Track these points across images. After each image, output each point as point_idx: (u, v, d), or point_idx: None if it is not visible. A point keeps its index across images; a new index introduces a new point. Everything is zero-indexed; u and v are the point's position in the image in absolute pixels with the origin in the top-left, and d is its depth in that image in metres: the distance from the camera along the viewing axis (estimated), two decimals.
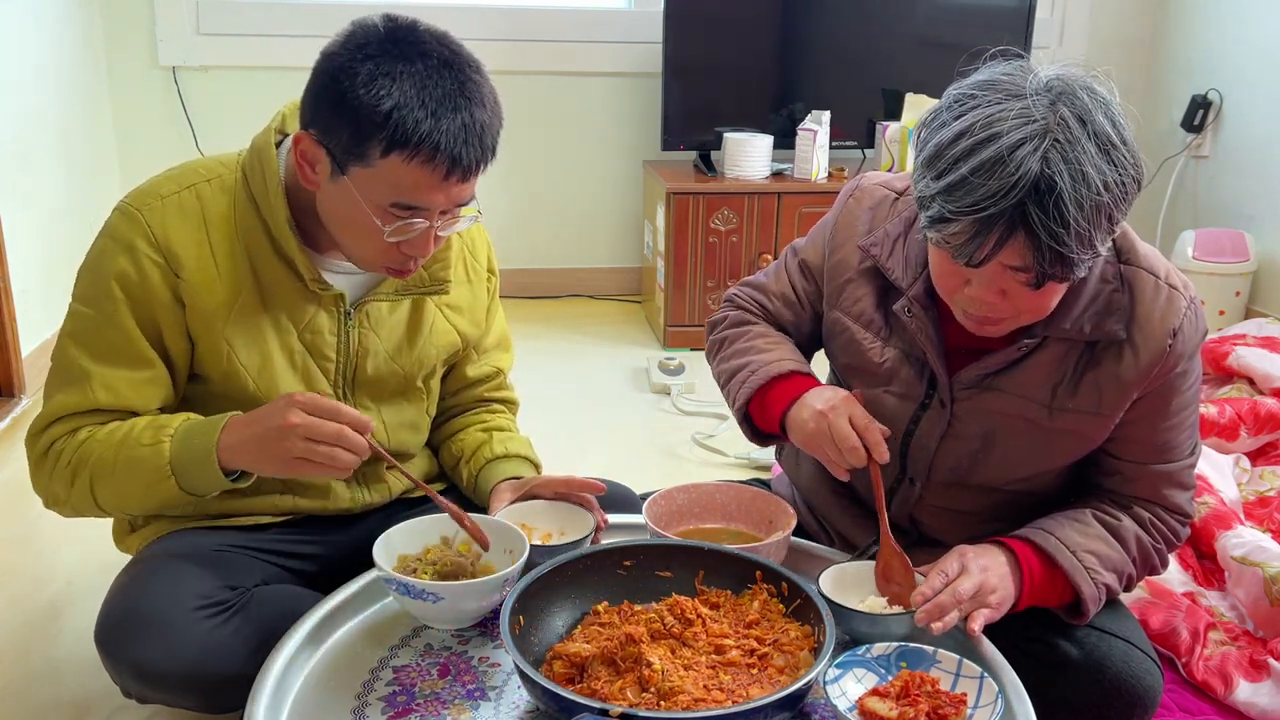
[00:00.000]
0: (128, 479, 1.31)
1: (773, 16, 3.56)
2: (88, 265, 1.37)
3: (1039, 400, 1.36)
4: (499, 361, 1.66)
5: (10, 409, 2.74)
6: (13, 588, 2.00)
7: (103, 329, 1.34)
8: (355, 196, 1.27)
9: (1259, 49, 3.46)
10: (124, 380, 1.35)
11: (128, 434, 1.32)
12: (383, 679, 1.24)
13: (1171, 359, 1.32)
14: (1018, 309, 1.26)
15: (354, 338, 1.45)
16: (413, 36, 1.25)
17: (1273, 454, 2.38)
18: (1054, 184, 1.13)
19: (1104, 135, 1.16)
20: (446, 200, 1.29)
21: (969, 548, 1.34)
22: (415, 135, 1.21)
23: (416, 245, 1.32)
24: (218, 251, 1.36)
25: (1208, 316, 3.36)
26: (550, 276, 3.94)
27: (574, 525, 1.44)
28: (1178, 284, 1.35)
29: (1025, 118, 1.15)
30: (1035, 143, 1.14)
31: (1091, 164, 1.14)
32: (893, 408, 1.44)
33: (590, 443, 2.73)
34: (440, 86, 1.23)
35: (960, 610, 1.26)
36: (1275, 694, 1.68)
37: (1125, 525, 1.39)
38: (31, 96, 2.95)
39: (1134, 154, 1.19)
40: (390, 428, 1.53)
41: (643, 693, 1.13)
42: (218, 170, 1.39)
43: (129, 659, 1.31)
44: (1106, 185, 1.15)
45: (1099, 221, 1.17)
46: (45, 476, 1.37)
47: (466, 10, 3.62)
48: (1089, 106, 1.17)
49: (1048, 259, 1.16)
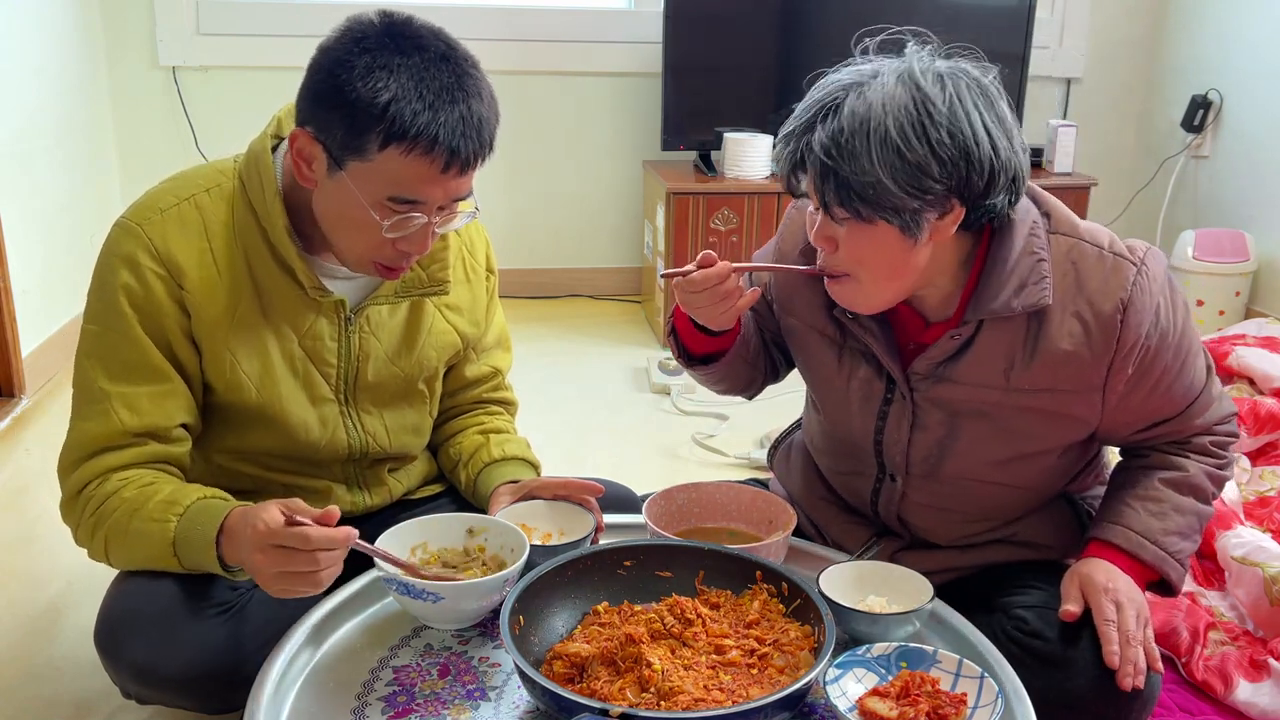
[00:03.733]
0: (137, 548, 1.31)
1: (773, 16, 3.56)
2: (94, 284, 1.37)
3: (994, 385, 1.37)
4: (498, 361, 1.66)
5: (10, 409, 2.74)
6: (13, 588, 2.00)
7: (117, 346, 1.34)
8: (352, 192, 1.27)
9: (1259, 49, 3.46)
10: (144, 396, 1.34)
11: (145, 503, 1.31)
12: (383, 679, 1.24)
13: (1129, 332, 1.32)
14: (853, 260, 1.30)
15: (354, 343, 1.44)
16: (409, 30, 1.26)
17: (1273, 454, 2.38)
18: (839, 106, 1.23)
19: (915, 85, 1.23)
20: (444, 194, 1.28)
21: (1082, 572, 1.39)
22: (413, 127, 1.21)
23: (413, 241, 1.31)
24: (219, 260, 1.35)
25: (1208, 316, 3.38)
26: (550, 276, 3.94)
27: (574, 526, 1.44)
28: (1123, 251, 1.35)
29: (851, 69, 1.28)
30: (842, 84, 1.26)
31: (890, 104, 1.21)
32: (859, 407, 1.46)
33: (590, 443, 2.73)
34: (438, 79, 1.23)
35: (1139, 642, 1.33)
36: (1275, 694, 1.68)
37: (1191, 470, 1.44)
38: (31, 97, 2.95)
39: (958, 118, 1.22)
40: (392, 432, 1.52)
41: (643, 693, 1.13)
42: (216, 179, 1.38)
43: (129, 660, 1.31)
44: (901, 127, 1.20)
45: (885, 155, 1.20)
46: (75, 519, 1.37)
47: (467, 10, 3.61)
48: (929, 70, 1.24)
49: (829, 182, 1.24)
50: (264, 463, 1.47)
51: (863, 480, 1.54)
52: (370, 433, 1.50)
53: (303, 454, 1.47)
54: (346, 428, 1.48)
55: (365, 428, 1.49)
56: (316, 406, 1.45)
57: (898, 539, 1.54)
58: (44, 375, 2.94)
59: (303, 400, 1.43)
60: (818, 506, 1.61)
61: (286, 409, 1.42)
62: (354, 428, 1.48)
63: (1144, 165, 4.01)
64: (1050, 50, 3.92)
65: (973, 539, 1.52)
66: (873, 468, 1.51)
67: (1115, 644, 1.32)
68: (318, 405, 1.45)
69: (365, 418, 1.49)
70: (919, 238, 1.26)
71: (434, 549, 1.37)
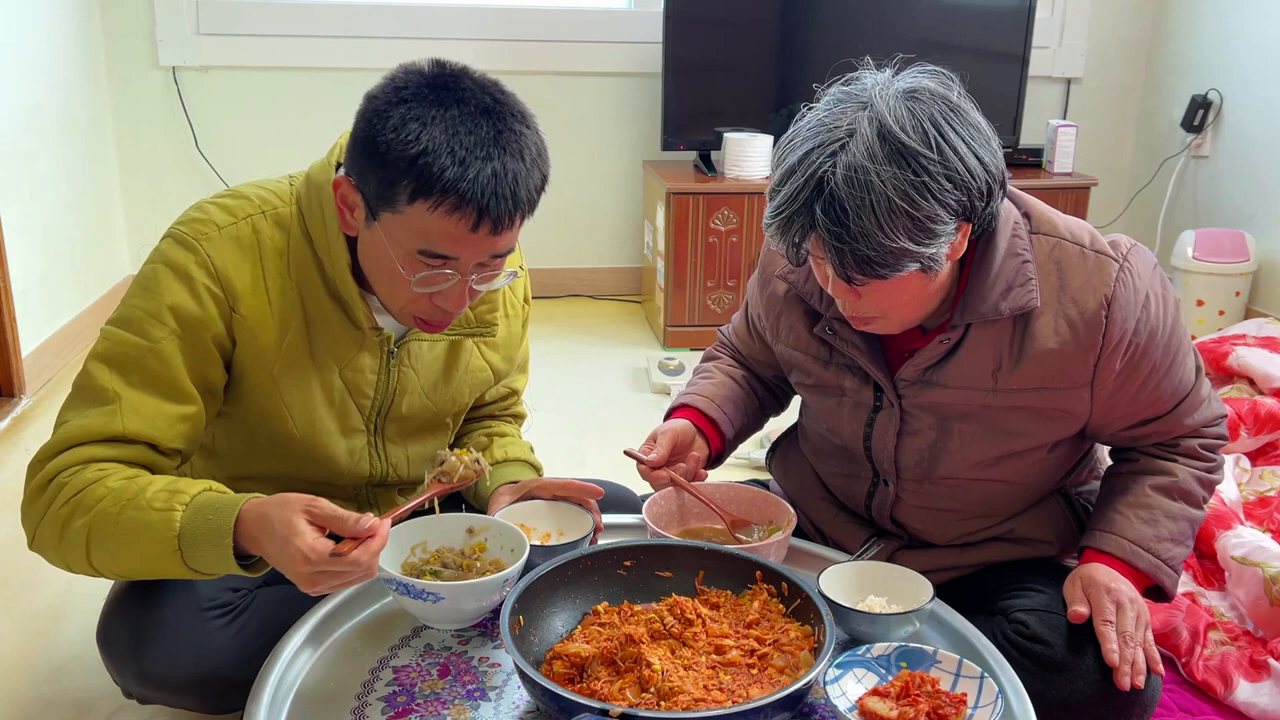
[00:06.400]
0: (130, 543, 1.19)
1: (773, 16, 3.56)
2: (136, 292, 1.29)
3: (982, 386, 1.37)
4: (516, 384, 1.66)
5: (10, 409, 2.74)
6: (13, 588, 2.00)
7: (144, 356, 1.26)
8: (384, 243, 1.23)
9: (1259, 49, 3.46)
10: (156, 410, 1.26)
11: (139, 492, 1.20)
12: (383, 679, 1.24)
13: (1115, 328, 1.32)
14: (880, 307, 1.30)
15: (394, 376, 1.42)
16: (455, 83, 1.20)
17: (1273, 454, 2.38)
18: (829, 186, 1.19)
19: (897, 140, 1.18)
20: (477, 252, 1.23)
21: (1084, 574, 1.40)
22: (440, 182, 1.16)
23: (449, 298, 1.26)
24: (271, 288, 1.31)
25: (1208, 316, 3.38)
26: (550, 276, 3.94)
27: (573, 526, 1.44)
28: (1105, 248, 1.35)
29: (822, 126, 1.22)
30: (823, 149, 1.21)
31: (882, 171, 1.17)
32: (849, 416, 1.48)
33: (590, 443, 2.73)
34: (473, 134, 1.17)
35: (1138, 643, 1.33)
36: (1275, 694, 1.68)
37: (1180, 475, 1.44)
38: (31, 97, 2.95)
39: (948, 158, 1.19)
40: (413, 461, 1.52)
41: (643, 693, 1.13)
42: (273, 202, 1.34)
43: (134, 662, 1.31)
44: (903, 192, 1.18)
45: (894, 221, 1.18)
46: (38, 513, 1.24)
47: (467, 10, 3.62)
48: (902, 113, 1.20)
49: (846, 258, 1.21)
50: (282, 484, 1.42)
51: (858, 483, 1.54)
52: (393, 463, 1.50)
53: (323, 478, 1.46)
54: (371, 457, 1.47)
55: (389, 457, 1.49)
56: (347, 437, 1.43)
57: (892, 540, 1.55)
58: (44, 375, 2.94)
59: (335, 430, 1.41)
60: (816, 507, 1.62)
61: (319, 439, 1.40)
62: (378, 457, 1.48)
63: (1144, 165, 4.01)
64: (1050, 50, 3.92)
65: (970, 537, 1.52)
66: (867, 472, 1.52)
67: (1114, 643, 1.32)
68: (349, 435, 1.43)
69: (390, 447, 1.49)
70: (940, 269, 1.26)
71: (434, 549, 1.37)
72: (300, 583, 1.14)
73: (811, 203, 1.21)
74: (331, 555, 1.11)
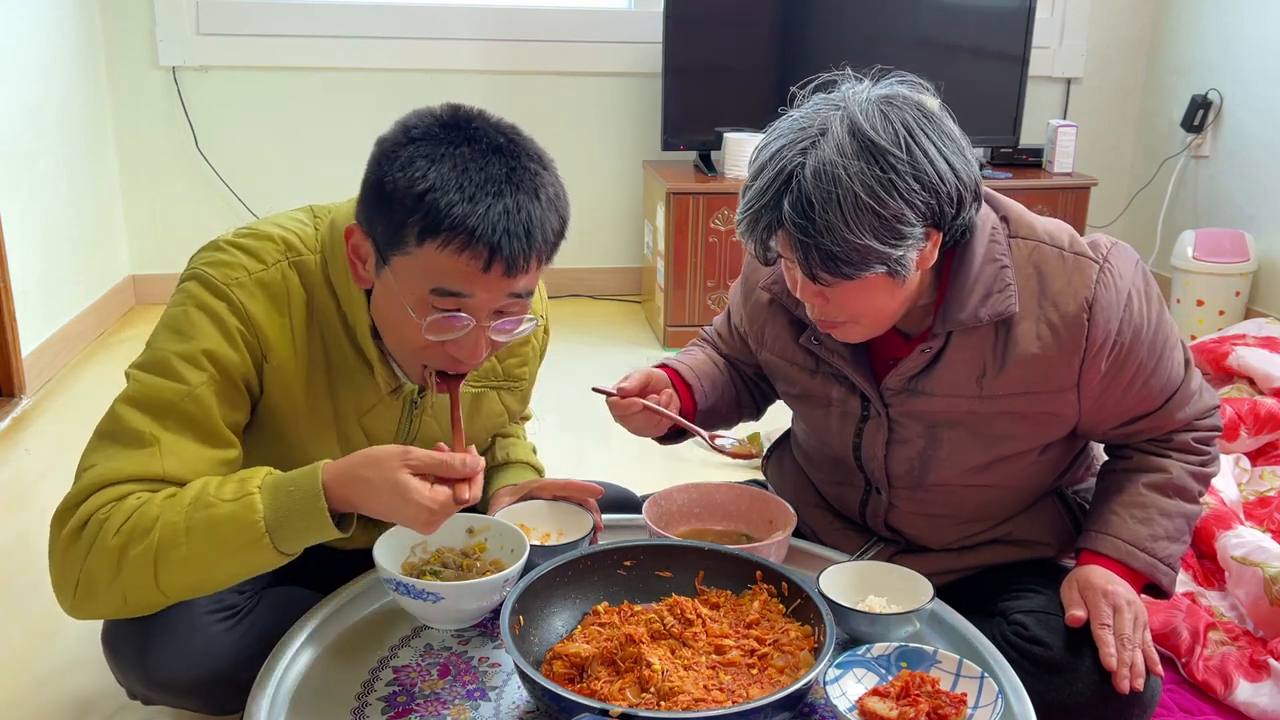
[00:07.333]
0: (207, 545, 1.14)
1: (773, 16, 3.56)
2: (167, 337, 1.24)
3: (968, 393, 1.37)
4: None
5: (10, 409, 2.74)
6: (14, 588, 2.00)
7: (181, 401, 1.21)
8: (395, 289, 1.19)
9: (1259, 49, 3.46)
10: (196, 455, 1.21)
11: (199, 495, 1.16)
12: (383, 679, 1.24)
13: (1098, 329, 1.32)
14: (848, 311, 1.30)
15: (415, 425, 1.41)
16: (467, 123, 1.18)
17: (1273, 454, 2.38)
18: (797, 181, 1.20)
19: (867, 138, 1.19)
20: (490, 295, 1.18)
21: (1080, 577, 1.40)
22: (448, 219, 1.12)
23: (463, 347, 1.21)
24: (297, 338, 1.28)
25: (1208, 316, 3.38)
26: (550, 276, 3.91)
27: (573, 526, 1.44)
28: (1085, 249, 1.35)
29: (795, 126, 1.24)
30: (793, 146, 1.22)
31: (850, 167, 1.18)
32: (838, 426, 1.48)
33: (590, 443, 2.73)
34: (483, 171, 1.14)
35: (1136, 645, 1.33)
36: (1275, 694, 1.68)
37: (1174, 471, 1.43)
38: (32, 97, 2.95)
39: (917, 160, 1.20)
40: None
41: (643, 693, 1.13)
42: (298, 248, 1.29)
43: (140, 665, 1.31)
44: (869, 188, 1.18)
45: (860, 217, 1.19)
46: (79, 556, 1.17)
47: (467, 10, 3.62)
48: (874, 115, 1.21)
49: (812, 254, 1.22)
50: None
51: (851, 492, 1.54)
52: None
53: None
54: None
55: None
56: None
57: (889, 545, 1.55)
58: (44, 375, 2.94)
59: None
60: (811, 513, 1.62)
61: None
62: None
63: (1144, 165, 4.01)
64: (1050, 50, 3.92)
65: (966, 541, 1.52)
66: (860, 480, 1.52)
67: (1112, 647, 1.32)
68: None
69: None
70: (907, 275, 1.26)
71: (434, 548, 1.37)
72: (421, 529, 1.16)
73: (780, 197, 1.22)
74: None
